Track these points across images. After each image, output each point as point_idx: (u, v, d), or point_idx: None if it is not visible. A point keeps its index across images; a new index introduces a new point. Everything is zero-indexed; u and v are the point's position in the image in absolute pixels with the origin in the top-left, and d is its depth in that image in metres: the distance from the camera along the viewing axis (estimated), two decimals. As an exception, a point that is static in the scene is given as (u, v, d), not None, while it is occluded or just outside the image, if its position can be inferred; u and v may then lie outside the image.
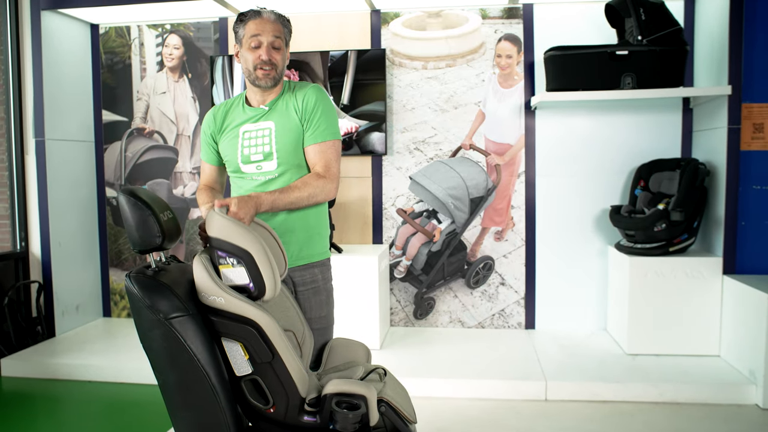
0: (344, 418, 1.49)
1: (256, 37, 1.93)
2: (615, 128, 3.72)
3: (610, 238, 3.73)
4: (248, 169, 1.96)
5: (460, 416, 2.81)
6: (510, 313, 3.90)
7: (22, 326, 3.83)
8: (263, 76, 1.93)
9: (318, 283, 2.03)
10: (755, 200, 3.28)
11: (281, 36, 1.96)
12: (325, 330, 2.05)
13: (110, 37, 4.19)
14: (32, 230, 3.99)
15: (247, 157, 1.96)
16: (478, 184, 3.83)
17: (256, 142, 1.95)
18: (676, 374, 3.05)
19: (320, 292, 2.03)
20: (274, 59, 1.93)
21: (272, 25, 1.94)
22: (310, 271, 2.01)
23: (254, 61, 1.93)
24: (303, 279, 2.00)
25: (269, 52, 1.93)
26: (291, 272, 1.99)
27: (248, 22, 1.94)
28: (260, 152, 1.94)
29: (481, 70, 3.83)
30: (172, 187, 4.18)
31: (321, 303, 2.03)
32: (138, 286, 1.50)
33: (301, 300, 2.00)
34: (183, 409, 1.57)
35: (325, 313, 2.05)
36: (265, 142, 1.95)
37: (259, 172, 1.96)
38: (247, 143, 1.96)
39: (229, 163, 2.01)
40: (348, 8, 3.84)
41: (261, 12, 1.95)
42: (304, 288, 2.00)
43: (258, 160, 1.95)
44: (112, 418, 2.95)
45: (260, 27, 1.93)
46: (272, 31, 1.93)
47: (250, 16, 1.95)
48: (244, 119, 2.00)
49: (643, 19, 3.21)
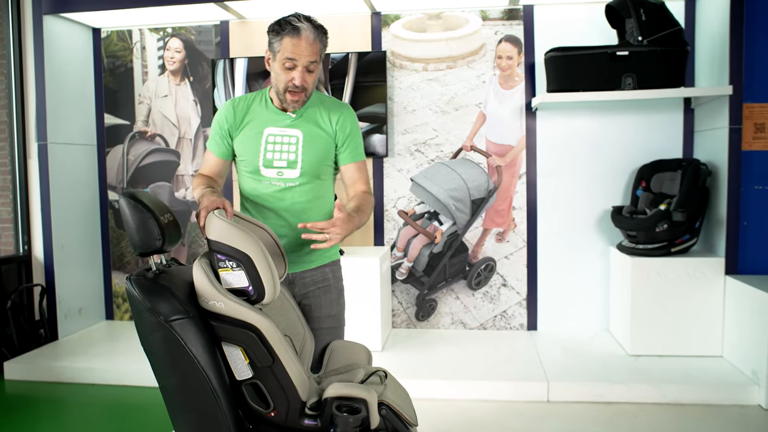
0: (345, 422, 1.49)
1: (291, 60, 1.83)
2: (616, 129, 3.71)
3: (612, 239, 3.72)
4: (269, 173, 1.93)
5: (463, 418, 2.81)
6: (512, 315, 3.90)
7: (25, 329, 3.84)
8: (291, 101, 1.88)
9: (329, 281, 2.04)
10: (757, 200, 3.27)
11: (317, 59, 1.86)
12: (335, 330, 2.06)
13: (112, 41, 4.21)
14: (35, 234, 4.01)
15: (270, 161, 1.92)
16: (479, 186, 3.83)
17: (281, 148, 1.93)
18: (678, 375, 3.04)
19: (331, 291, 2.04)
20: (305, 83, 1.86)
21: (310, 48, 1.82)
22: (321, 270, 2.03)
23: (286, 83, 1.86)
24: (314, 278, 2.01)
25: (303, 76, 1.84)
26: (302, 274, 1.99)
27: (285, 38, 1.82)
28: (284, 159, 1.92)
29: (482, 72, 3.83)
30: (174, 190, 4.19)
31: (331, 301, 2.04)
32: (138, 289, 1.50)
33: (312, 298, 2.01)
34: (184, 412, 1.57)
35: (335, 312, 2.06)
36: (291, 150, 1.92)
37: (280, 178, 1.93)
38: (271, 147, 1.93)
39: (246, 162, 1.96)
40: (348, 10, 3.84)
41: (300, 29, 1.81)
42: (314, 287, 2.01)
43: (281, 166, 1.92)
44: (114, 421, 2.96)
45: (297, 50, 1.81)
46: (309, 55, 1.83)
47: (288, 31, 1.81)
48: (269, 121, 1.95)
49: (644, 20, 3.20)
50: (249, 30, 4.01)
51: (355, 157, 2.00)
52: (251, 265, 1.52)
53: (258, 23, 3.98)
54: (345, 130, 1.98)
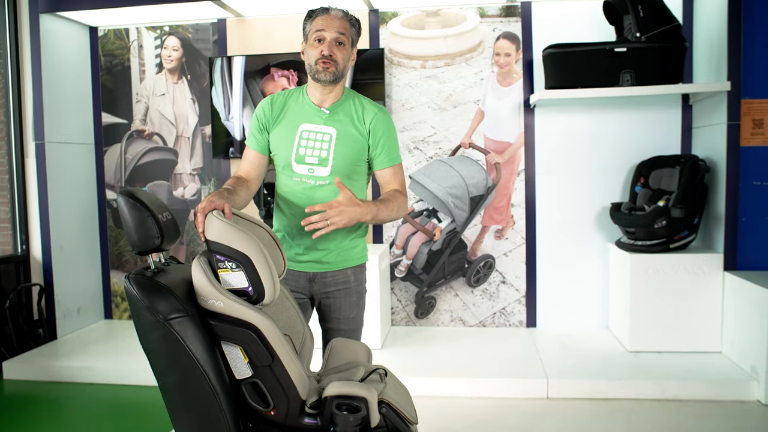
0: (345, 420, 1.49)
1: (320, 32, 1.92)
2: (614, 125, 3.71)
3: (611, 236, 3.72)
4: (300, 169, 1.95)
5: (462, 415, 2.81)
6: (511, 312, 3.90)
7: (23, 329, 3.84)
8: (323, 69, 1.91)
9: (350, 284, 2.05)
10: (755, 196, 3.28)
11: (346, 33, 1.94)
12: (352, 332, 2.07)
13: (109, 40, 4.19)
14: (33, 233, 4.00)
15: (302, 157, 1.94)
16: (478, 183, 3.83)
17: (314, 144, 1.95)
18: (678, 371, 3.05)
19: (351, 294, 2.05)
20: (335, 55, 1.91)
21: (339, 21, 1.93)
22: (344, 273, 2.03)
23: (316, 55, 1.92)
24: (335, 280, 2.02)
25: (331, 47, 1.91)
26: (324, 276, 2.01)
27: (316, 18, 1.95)
28: (316, 156, 1.94)
29: (480, 69, 3.83)
30: (172, 189, 4.18)
31: (351, 304, 2.05)
32: (137, 288, 1.50)
33: (332, 299, 2.03)
34: (183, 411, 1.57)
35: (354, 315, 2.07)
36: (323, 147, 1.94)
37: (310, 176, 1.95)
38: (304, 143, 1.95)
39: (279, 157, 1.98)
40: (346, 8, 3.82)
41: (329, 9, 1.96)
42: (335, 288, 2.02)
43: (312, 163, 1.94)
44: (113, 421, 2.96)
45: (326, 23, 1.93)
46: (337, 27, 1.92)
47: (318, 12, 1.95)
48: (305, 117, 1.98)
49: (642, 16, 3.20)
50: (246, 28, 4.00)
51: (391, 161, 2.00)
52: (251, 265, 1.52)
53: (255, 21, 3.97)
54: (378, 132, 1.98)
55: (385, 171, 2.00)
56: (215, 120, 3.95)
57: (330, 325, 2.06)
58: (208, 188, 4.14)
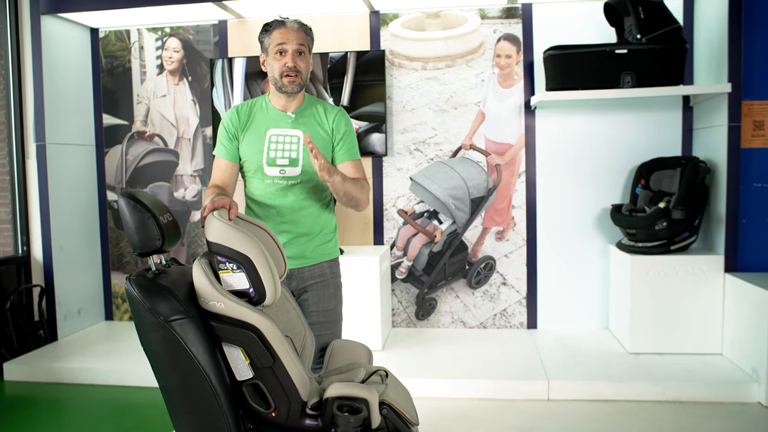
0: (346, 422, 1.49)
1: (281, 45, 2.02)
2: (615, 127, 3.71)
3: (611, 237, 3.72)
4: (271, 171, 2.06)
5: (463, 416, 2.81)
6: (512, 313, 3.90)
7: (24, 330, 3.84)
8: (289, 83, 2.03)
9: (326, 276, 2.15)
10: (756, 198, 3.28)
11: (305, 44, 2.05)
12: (332, 324, 2.14)
13: (110, 41, 4.20)
14: (34, 234, 4.00)
15: (273, 159, 2.05)
16: (478, 184, 3.83)
17: (283, 147, 2.06)
18: (678, 373, 3.04)
19: (329, 286, 2.15)
20: (298, 66, 2.02)
21: (296, 33, 2.03)
22: (320, 266, 2.14)
23: (280, 68, 2.02)
24: (312, 273, 2.12)
25: (294, 59, 2.02)
26: (301, 271, 2.10)
27: (273, 31, 2.04)
28: (286, 157, 2.05)
29: (481, 70, 3.83)
30: (172, 190, 4.19)
31: (329, 296, 2.15)
32: (138, 289, 1.50)
33: (309, 293, 2.12)
34: (184, 412, 1.57)
35: (332, 306, 2.15)
36: (292, 148, 2.06)
37: (282, 176, 2.06)
38: (273, 146, 2.06)
39: (250, 162, 2.08)
40: (347, 10, 3.84)
41: (285, 22, 2.05)
42: (312, 281, 2.12)
43: (283, 164, 2.05)
44: (114, 422, 2.95)
45: (285, 36, 2.02)
46: (296, 39, 2.03)
47: (275, 26, 2.04)
48: (271, 122, 2.09)
49: (642, 18, 3.20)
50: (247, 29, 4.01)
51: (351, 155, 2.14)
52: (252, 267, 1.52)
53: (256, 22, 3.98)
54: (340, 129, 2.12)
55: (346, 164, 2.13)
56: (216, 121, 3.96)
57: (310, 320, 2.10)
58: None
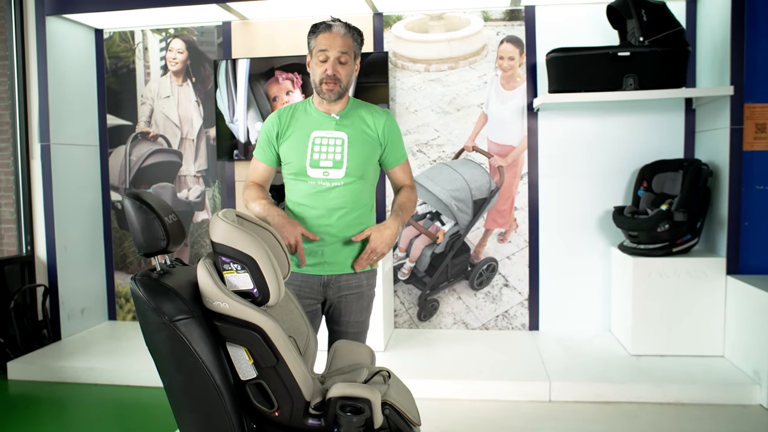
0: (348, 422, 1.50)
1: (323, 51, 1.98)
2: (617, 129, 3.72)
3: (614, 239, 3.73)
4: (315, 173, 2.03)
5: (465, 417, 2.82)
6: (514, 315, 3.90)
7: (28, 330, 3.85)
8: (327, 90, 2.00)
9: (362, 288, 2.12)
10: (758, 200, 3.28)
11: (349, 51, 2.01)
12: (359, 335, 2.14)
13: (114, 42, 4.22)
14: (38, 234, 4.02)
15: (317, 161, 2.02)
16: (481, 186, 3.84)
17: (327, 149, 2.03)
18: (680, 375, 3.05)
19: (363, 298, 2.13)
20: (338, 74, 1.99)
21: (341, 39, 1.98)
22: (357, 277, 2.10)
23: (321, 75, 2.00)
24: (349, 284, 2.09)
25: (335, 67, 1.98)
26: (339, 277, 2.07)
27: (319, 35, 2.00)
28: (330, 159, 2.02)
29: (484, 72, 3.84)
30: (176, 191, 4.20)
31: (362, 308, 2.13)
32: (143, 289, 1.51)
33: (344, 303, 2.09)
34: (188, 412, 1.58)
35: (363, 318, 2.15)
36: (337, 151, 2.03)
37: (325, 178, 2.03)
38: (317, 149, 2.03)
39: (291, 165, 2.06)
40: (350, 11, 3.85)
41: (332, 26, 2.00)
42: (348, 292, 2.09)
43: (327, 166, 2.02)
44: (118, 421, 2.97)
45: (329, 42, 1.98)
46: (340, 46, 1.98)
47: (322, 29, 2.00)
48: (315, 125, 2.06)
49: (645, 21, 3.21)
50: (251, 31, 4.02)
51: (400, 159, 2.17)
52: (256, 267, 1.53)
53: (260, 24, 3.99)
54: (388, 135, 2.10)
55: (396, 169, 2.18)
56: (219, 122, 3.97)
57: (338, 328, 2.11)
58: (212, 190, 4.16)
